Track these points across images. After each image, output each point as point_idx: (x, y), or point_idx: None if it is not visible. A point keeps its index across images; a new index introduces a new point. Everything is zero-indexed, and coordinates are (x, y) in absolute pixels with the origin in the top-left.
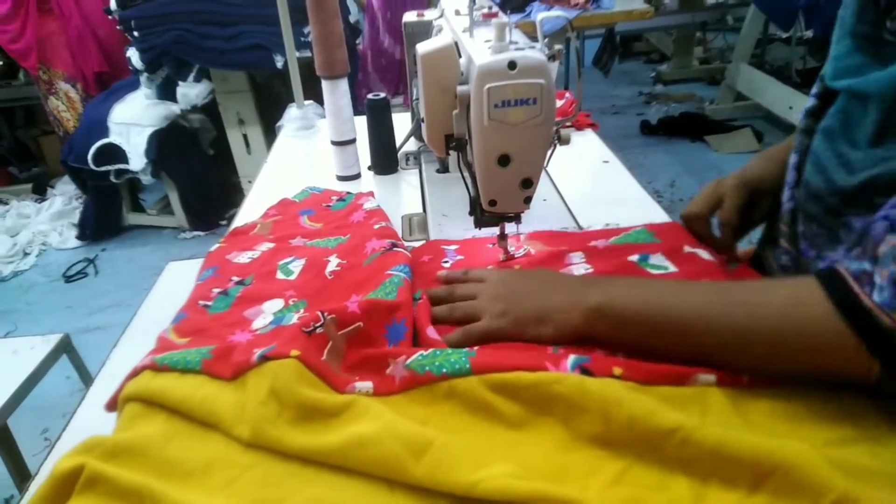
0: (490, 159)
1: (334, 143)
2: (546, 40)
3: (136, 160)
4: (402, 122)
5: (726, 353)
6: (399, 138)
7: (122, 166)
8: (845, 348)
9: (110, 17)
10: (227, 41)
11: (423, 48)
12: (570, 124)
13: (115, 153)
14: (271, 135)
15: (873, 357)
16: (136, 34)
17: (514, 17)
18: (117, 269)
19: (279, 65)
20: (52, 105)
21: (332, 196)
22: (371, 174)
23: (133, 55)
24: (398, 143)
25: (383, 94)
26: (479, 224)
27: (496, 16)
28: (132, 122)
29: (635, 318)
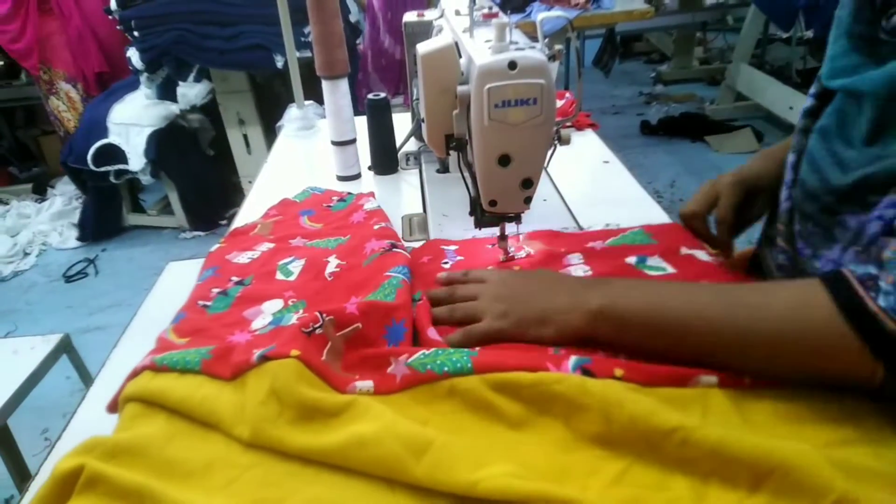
0: (490, 159)
1: (334, 143)
2: (546, 40)
3: (136, 160)
4: (402, 123)
5: (728, 355)
6: (399, 138)
7: (121, 167)
8: (848, 351)
9: (110, 17)
10: (227, 41)
11: (423, 48)
12: (570, 124)
13: (114, 153)
14: (271, 135)
15: (877, 361)
16: (136, 34)
17: (515, 18)
18: (117, 269)
19: (279, 65)
20: (53, 105)
21: (332, 196)
22: (371, 174)
23: (133, 55)
24: (398, 144)
25: (383, 94)
26: (479, 224)
27: (496, 16)
28: (131, 123)
29: (637, 320)
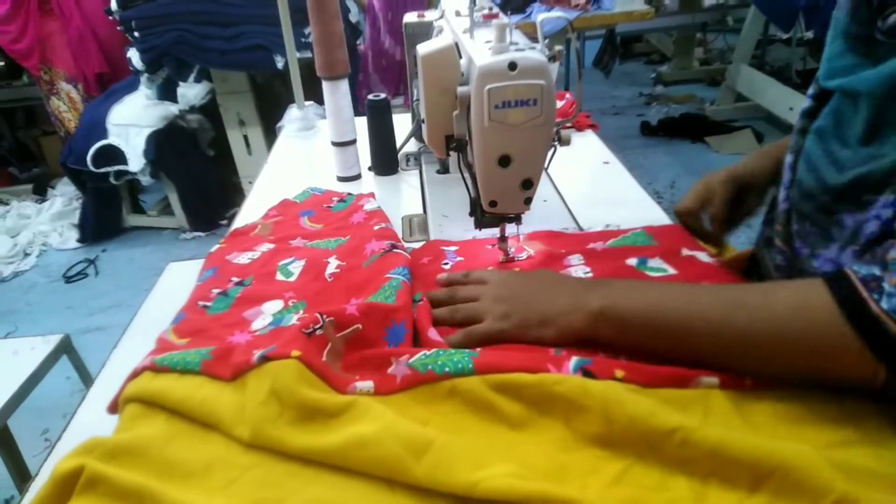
0: (490, 160)
1: (335, 143)
2: (546, 41)
3: (135, 161)
4: (402, 123)
5: (729, 355)
6: (399, 139)
7: (121, 167)
8: (849, 351)
9: (111, 17)
10: (227, 41)
11: (423, 49)
12: (570, 125)
13: (114, 154)
14: (272, 135)
15: (879, 362)
16: (136, 34)
17: (515, 18)
18: (118, 270)
19: (280, 65)
20: (54, 105)
21: (332, 197)
22: (371, 175)
23: (133, 56)
24: (398, 144)
25: (384, 95)
26: (479, 225)
27: (496, 17)
28: (130, 123)
29: (637, 321)
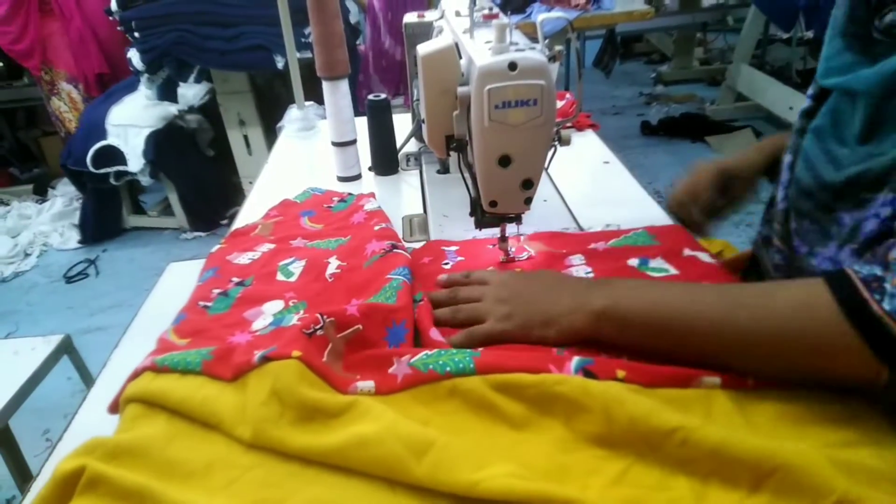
0: (490, 160)
1: (335, 143)
2: (546, 41)
3: (135, 161)
4: (402, 123)
5: (730, 355)
6: (400, 139)
7: (120, 168)
8: (850, 351)
9: (111, 17)
10: (227, 42)
11: (423, 49)
12: (570, 125)
13: (113, 155)
14: (272, 135)
15: (882, 363)
16: (136, 35)
17: (515, 18)
18: (118, 270)
19: (280, 65)
20: (55, 106)
21: (333, 197)
22: (372, 175)
23: (134, 56)
24: (399, 144)
25: (384, 95)
26: (479, 225)
27: (496, 17)
28: (130, 124)
29: (639, 320)
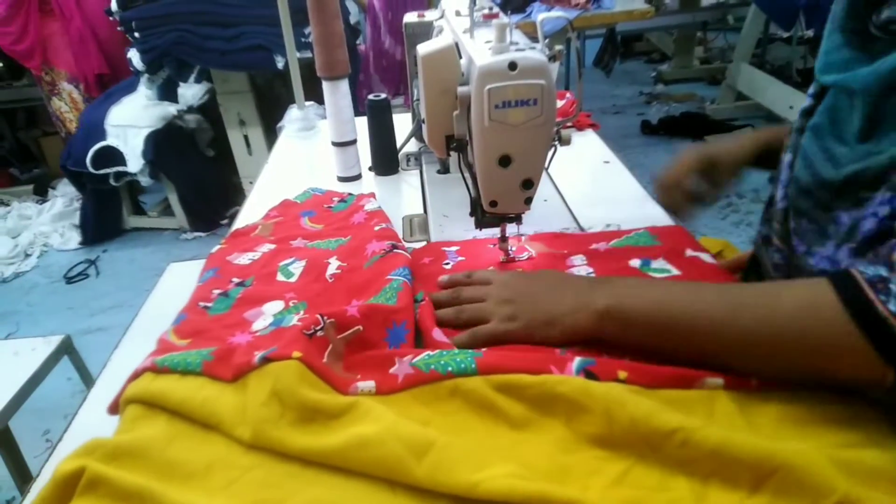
0: (491, 160)
1: (335, 143)
2: (546, 41)
3: (134, 162)
4: (402, 123)
5: (733, 355)
6: (400, 139)
7: (120, 169)
8: (855, 352)
9: (111, 18)
10: (227, 42)
11: (423, 49)
12: (570, 125)
13: (113, 156)
14: (272, 135)
15: (887, 365)
16: (136, 35)
17: (515, 18)
18: (118, 270)
19: (280, 65)
20: (55, 106)
21: (333, 197)
22: (372, 175)
23: (134, 56)
24: (399, 144)
25: (384, 95)
26: (479, 225)
27: (497, 16)
28: (129, 124)
29: (643, 320)
